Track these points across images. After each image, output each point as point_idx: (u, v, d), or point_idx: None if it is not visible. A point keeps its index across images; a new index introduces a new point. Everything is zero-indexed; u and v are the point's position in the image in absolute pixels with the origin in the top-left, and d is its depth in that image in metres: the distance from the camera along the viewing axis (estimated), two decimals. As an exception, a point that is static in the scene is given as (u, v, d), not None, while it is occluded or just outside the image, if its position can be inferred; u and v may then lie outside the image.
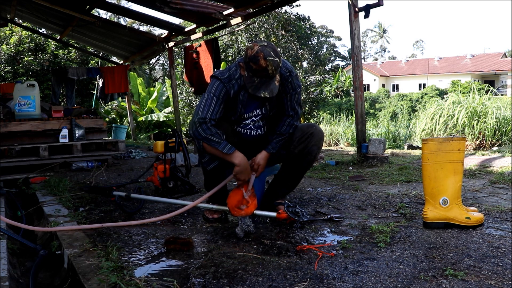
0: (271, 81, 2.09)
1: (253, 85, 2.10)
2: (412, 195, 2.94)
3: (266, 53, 2.03)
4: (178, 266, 1.76)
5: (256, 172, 2.28)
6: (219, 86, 2.20)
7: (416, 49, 68.60)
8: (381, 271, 1.64)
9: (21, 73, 12.87)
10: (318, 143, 2.38)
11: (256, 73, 2.07)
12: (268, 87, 2.08)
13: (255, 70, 2.05)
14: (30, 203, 3.24)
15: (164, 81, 20.25)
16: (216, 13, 5.44)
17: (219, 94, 2.19)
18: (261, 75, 2.06)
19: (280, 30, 13.99)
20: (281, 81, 2.24)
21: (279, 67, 2.10)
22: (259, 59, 2.02)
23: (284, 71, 2.26)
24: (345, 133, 10.16)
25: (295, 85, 2.31)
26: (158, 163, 3.22)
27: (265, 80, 2.08)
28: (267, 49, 2.05)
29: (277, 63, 2.06)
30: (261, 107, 2.33)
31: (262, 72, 2.05)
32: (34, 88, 4.66)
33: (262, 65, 2.02)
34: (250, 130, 2.38)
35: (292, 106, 2.33)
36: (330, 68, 37.84)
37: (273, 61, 2.04)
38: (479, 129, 7.07)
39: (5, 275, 1.76)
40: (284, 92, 2.30)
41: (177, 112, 8.19)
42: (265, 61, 2.02)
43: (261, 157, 2.29)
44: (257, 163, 2.28)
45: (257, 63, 2.03)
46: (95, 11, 9.75)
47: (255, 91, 2.09)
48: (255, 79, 2.09)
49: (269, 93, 2.08)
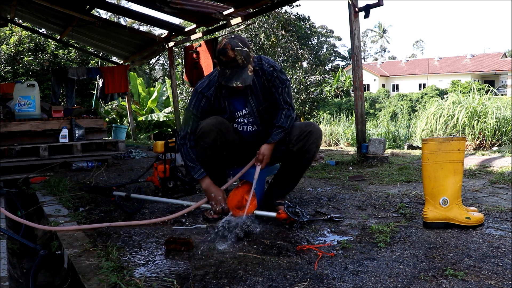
0: (243, 70, 2.14)
1: (225, 77, 2.16)
2: (412, 195, 2.94)
3: (234, 44, 2.11)
4: (178, 266, 1.76)
5: (261, 163, 2.30)
6: (196, 100, 2.34)
7: (416, 49, 68.64)
8: (381, 271, 1.64)
9: (21, 73, 12.86)
10: (317, 141, 2.39)
11: (226, 65, 2.13)
12: (240, 77, 2.13)
13: (225, 62, 2.12)
14: (30, 203, 3.24)
15: (164, 81, 20.25)
16: (216, 13, 5.44)
17: (196, 110, 2.33)
18: (232, 66, 2.12)
19: (280, 30, 14.00)
20: (267, 77, 2.32)
21: (249, 57, 2.16)
22: (227, 51, 2.10)
23: (267, 67, 2.32)
24: (345, 133, 10.15)
25: (282, 79, 2.36)
26: (158, 163, 3.22)
27: (236, 70, 2.13)
28: (234, 40, 2.13)
29: (246, 52, 2.13)
30: (246, 104, 2.38)
31: (232, 62, 2.11)
32: (34, 88, 4.66)
33: (231, 55, 2.10)
34: (246, 126, 2.42)
35: (284, 99, 2.38)
36: (330, 68, 37.85)
37: (241, 51, 2.11)
38: (479, 129, 7.07)
39: (5, 275, 1.76)
40: (274, 87, 2.35)
41: (177, 112, 8.19)
42: (232, 52, 2.09)
43: (265, 148, 2.32)
44: (262, 154, 2.31)
45: (225, 54, 2.10)
46: (95, 11, 9.75)
47: (227, 82, 2.15)
48: (227, 71, 2.15)
49: (241, 82, 2.13)
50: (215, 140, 2.26)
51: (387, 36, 63.34)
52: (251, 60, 2.19)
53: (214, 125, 2.25)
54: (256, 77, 2.33)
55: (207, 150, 2.29)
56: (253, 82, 2.32)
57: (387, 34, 63.33)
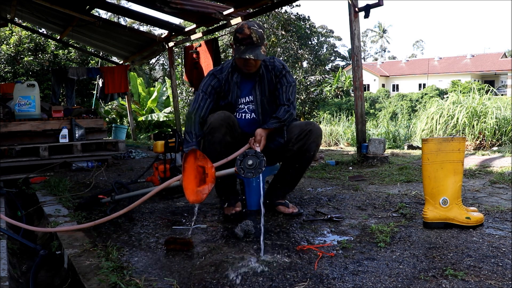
0: (257, 47, 2.27)
1: (240, 51, 2.27)
2: (412, 195, 2.94)
3: (250, 24, 2.28)
4: (178, 266, 1.76)
5: (259, 144, 2.23)
6: (207, 79, 2.46)
7: (416, 49, 68.66)
8: (381, 271, 1.64)
9: (21, 73, 12.86)
10: (317, 140, 2.40)
11: (242, 42, 2.27)
12: (253, 51, 2.26)
13: (241, 38, 2.26)
14: (30, 203, 3.24)
15: (164, 81, 20.25)
16: (216, 13, 5.44)
17: (206, 88, 2.43)
18: (247, 43, 2.26)
19: (280, 30, 13.99)
20: (276, 73, 2.45)
21: (263, 39, 2.31)
22: (244, 29, 2.26)
23: (278, 65, 2.46)
24: (345, 133, 10.15)
25: (289, 79, 2.47)
26: (158, 163, 3.22)
27: (250, 46, 2.26)
28: (251, 22, 2.32)
29: (260, 33, 2.28)
30: (251, 91, 2.45)
31: (247, 39, 2.25)
32: (34, 88, 4.65)
33: (247, 33, 2.25)
34: (245, 114, 2.47)
35: (287, 97, 2.44)
36: (330, 68, 37.82)
37: (257, 31, 2.27)
38: (479, 129, 7.06)
39: (5, 275, 1.76)
40: (280, 83, 2.45)
41: (177, 112, 8.19)
42: (249, 30, 2.25)
43: (260, 131, 2.29)
44: (259, 134, 2.27)
45: (242, 32, 2.26)
46: (95, 11, 9.75)
47: (241, 54, 2.26)
48: (242, 47, 2.27)
49: (254, 56, 2.25)
50: (225, 134, 2.29)
51: (387, 36, 63.34)
52: (264, 42, 2.32)
53: (223, 120, 2.28)
54: (266, 72, 2.45)
55: (216, 145, 2.29)
56: (263, 74, 2.45)
57: (387, 34, 63.34)
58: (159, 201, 3.01)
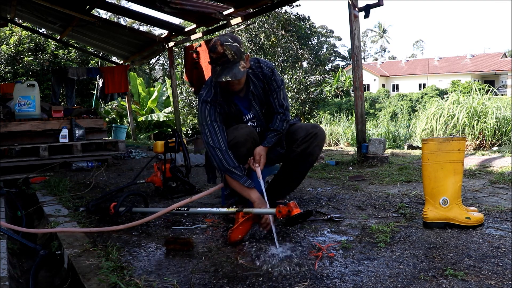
0: (234, 66, 2.09)
1: (216, 73, 2.11)
2: (412, 195, 2.94)
3: (223, 40, 2.07)
4: (178, 266, 1.76)
5: (259, 164, 2.25)
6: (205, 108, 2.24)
7: (416, 49, 68.62)
8: (381, 271, 1.64)
9: (21, 73, 12.87)
10: (321, 143, 2.41)
11: (217, 61, 2.09)
12: (230, 71, 2.07)
13: (215, 58, 2.08)
14: (30, 203, 3.23)
15: (164, 81, 20.25)
16: (216, 13, 5.44)
17: (213, 117, 2.23)
18: (222, 62, 2.08)
19: (280, 30, 13.99)
20: (267, 80, 2.31)
21: (241, 52, 2.11)
22: (217, 47, 2.06)
23: (266, 71, 2.31)
24: (345, 133, 10.16)
25: (279, 81, 2.36)
26: (159, 164, 3.22)
27: (226, 66, 2.08)
28: (224, 37, 2.10)
29: (236, 47, 2.08)
30: (251, 108, 2.36)
31: (221, 58, 2.07)
32: (34, 88, 4.66)
33: (220, 51, 2.06)
34: (255, 129, 2.40)
35: (280, 103, 2.37)
36: (330, 68, 37.84)
37: (231, 46, 2.07)
38: (479, 129, 7.07)
39: (5, 275, 1.76)
40: (270, 90, 2.35)
41: (177, 112, 8.19)
42: (222, 47, 2.05)
43: (260, 149, 2.29)
44: (258, 154, 2.26)
45: (215, 51, 2.07)
46: (95, 11, 9.75)
47: (217, 77, 2.09)
48: (218, 68, 2.10)
49: (231, 77, 2.07)
50: (249, 149, 2.25)
51: (387, 36, 63.36)
52: (243, 56, 2.14)
53: (248, 135, 2.23)
54: (258, 81, 2.33)
55: (241, 159, 2.24)
56: (255, 86, 2.32)
57: (387, 34, 63.37)
58: (159, 201, 3.01)
